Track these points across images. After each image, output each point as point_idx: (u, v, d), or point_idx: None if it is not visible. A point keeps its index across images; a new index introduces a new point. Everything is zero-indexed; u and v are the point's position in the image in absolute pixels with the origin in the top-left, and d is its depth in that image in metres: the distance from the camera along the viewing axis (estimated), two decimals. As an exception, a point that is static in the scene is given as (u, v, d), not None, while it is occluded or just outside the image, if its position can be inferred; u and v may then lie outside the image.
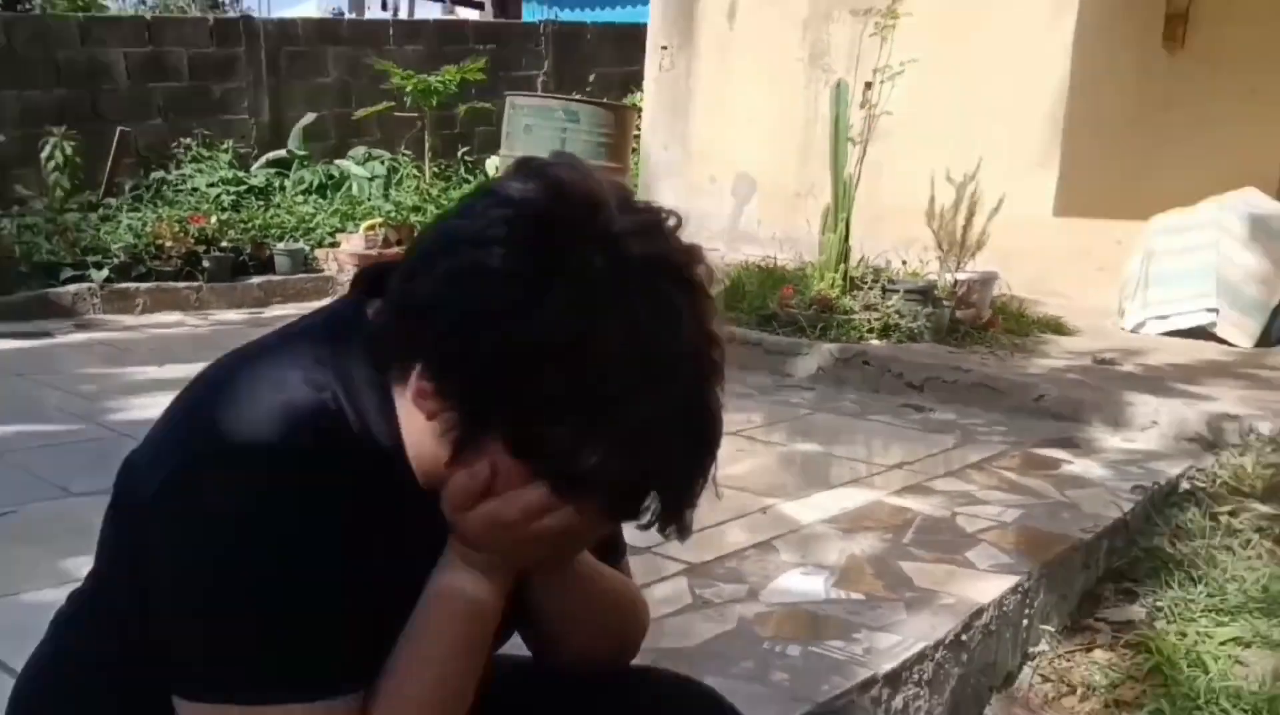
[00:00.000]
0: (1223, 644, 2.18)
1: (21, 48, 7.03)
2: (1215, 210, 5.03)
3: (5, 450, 3.01)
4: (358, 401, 0.84)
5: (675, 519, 0.90)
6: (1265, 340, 4.91)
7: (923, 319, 4.53)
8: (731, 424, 3.25)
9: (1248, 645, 2.20)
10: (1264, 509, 2.75)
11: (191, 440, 0.83)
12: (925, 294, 4.66)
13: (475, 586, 0.88)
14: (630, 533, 0.99)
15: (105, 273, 5.48)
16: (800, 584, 2.07)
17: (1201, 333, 4.97)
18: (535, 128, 5.08)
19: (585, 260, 0.79)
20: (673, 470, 0.86)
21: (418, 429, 0.85)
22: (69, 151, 6.56)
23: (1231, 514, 2.73)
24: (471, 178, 8.22)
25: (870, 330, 4.48)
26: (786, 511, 2.59)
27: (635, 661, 1.11)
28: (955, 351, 4.37)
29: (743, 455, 3.17)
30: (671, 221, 0.84)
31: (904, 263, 5.16)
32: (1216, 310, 4.94)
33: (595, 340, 0.78)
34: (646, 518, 0.89)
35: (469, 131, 8.56)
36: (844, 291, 4.74)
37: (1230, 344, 4.88)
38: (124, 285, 5.53)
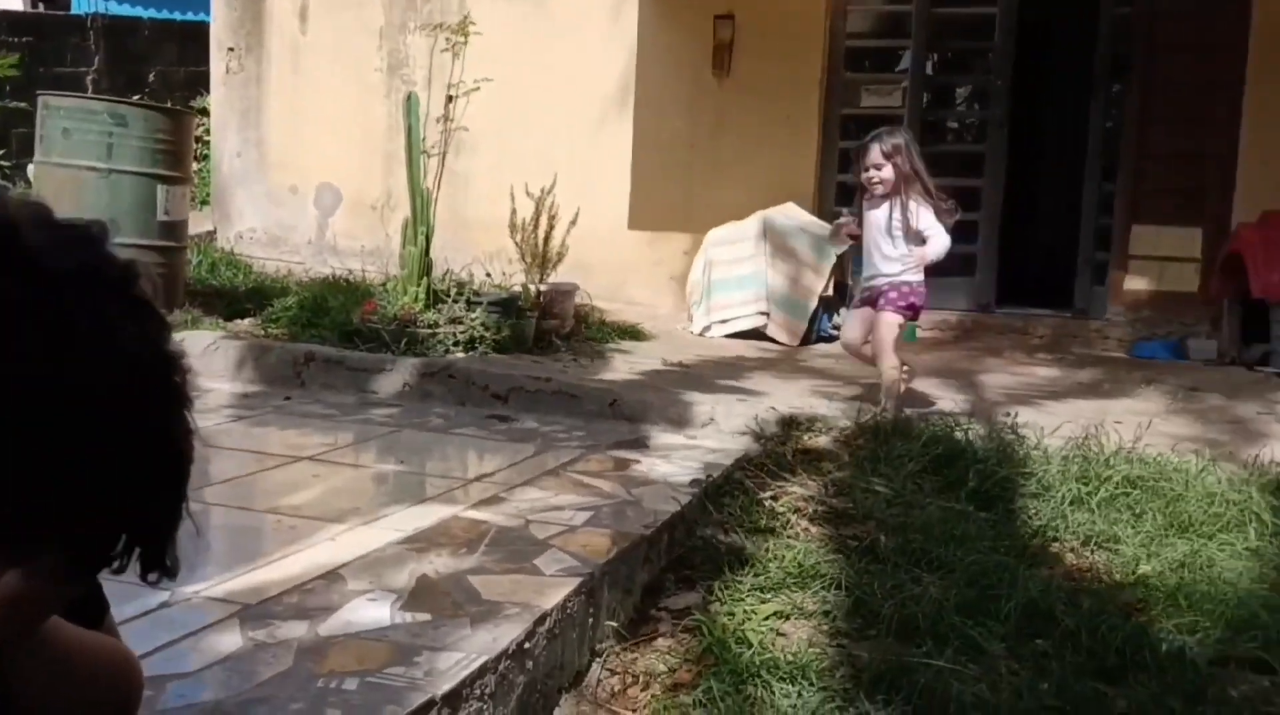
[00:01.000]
0: (765, 619, 2.39)
1: None
2: (761, 223, 5.59)
3: None
4: None
5: (154, 563, 0.80)
6: (808, 339, 5.54)
7: (507, 330, 4.60)
8: (311, 447, 3.08)
9: (787, 617, 2.44)
10: (799, 491, 3.07)
11: None
12: (509, 306, 4.75)
13: None
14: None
15: None
16: (365, 612, 2.00)
17: (757, 334, 5.51)
18: (75, 131, 4.55)
19: None
20: (135, 511, 0.76)
21: None
22: None
23: (774, 498, 3.02)
24: (10, 186, 7.24)
25: (456, 343, 4.48)
26: (359, 536, 2.50)
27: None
28: (539, 361, 4.49)
29: (317, 480, 3.03)
30: (98, 233, 0.75)
31: (488, 275, 5.23)
32: (767, 313, 5.49)
33: (19, 374, 0.67)
34: (115, 565, 0.79)
35: (4, 134, 7.55)
36: (428, 305, 4.70)
37: (780, 343, 5.45)
38: None
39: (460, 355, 4.39)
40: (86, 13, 9.34)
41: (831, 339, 5.68)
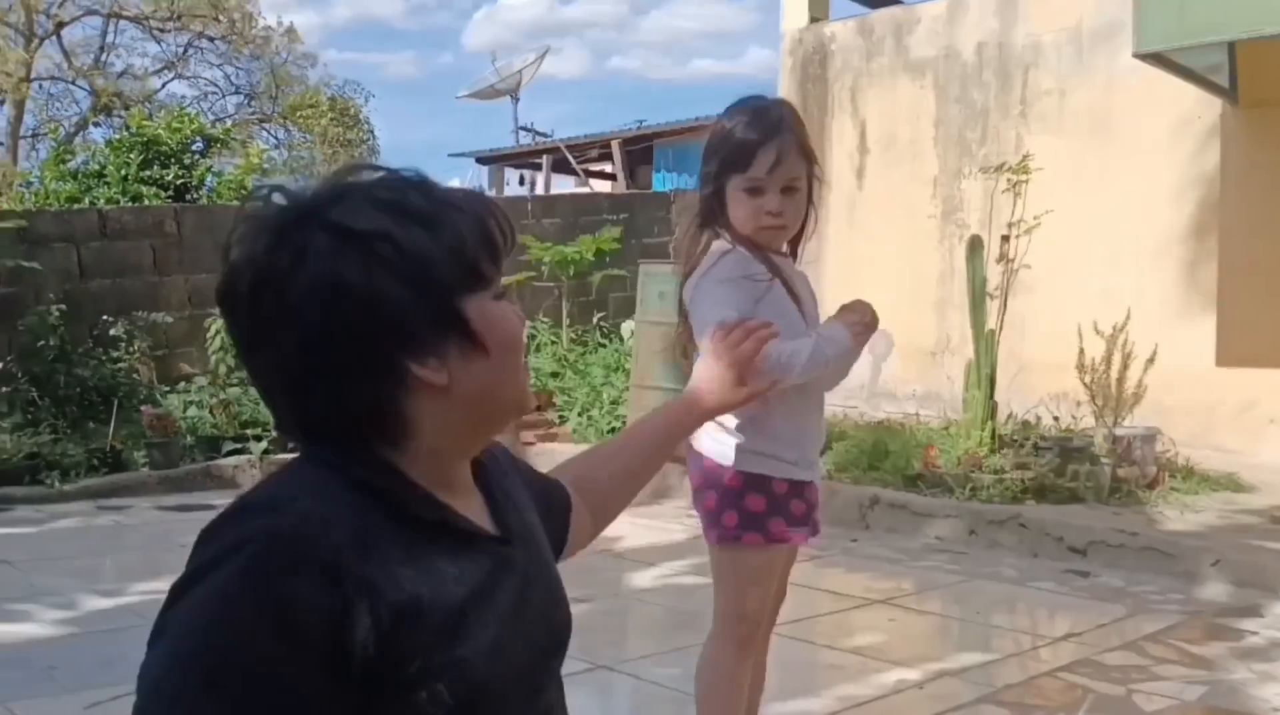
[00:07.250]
0: None
1: (189, 235, 7.56)
2: (1397, 355, 4.69)
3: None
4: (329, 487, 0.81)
5: None
6: None
7: (1081, 478, 4.30)
8: (880, 591, 3.10)
9: None
10: None
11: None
12: (1082, 451, 4.44)
13: None
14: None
15: (264, 445, 5.72)
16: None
17: (1396, 487, 4.57)
18: (668, 294, 5.16)
19: None
20: None
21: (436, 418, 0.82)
22: (234, 330, 6.98)
23: None
24: (607, 342, 8.38)
25: (1024, 490, 4.27)
26: (946, 688, 2.43)
27: None
28: (1119, 512, 4.12)
29: (893, 625, 3.01)
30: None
31: (1055, 418, 4.95)
32: None
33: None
34: None
35: (604, 298, 8.79)
36: (992, 449, 4.56)
37: None
38: (282, 456, 5.77)
39: (1030, 503, 4.17)
40: (669, 189, 10.71)
41: None
